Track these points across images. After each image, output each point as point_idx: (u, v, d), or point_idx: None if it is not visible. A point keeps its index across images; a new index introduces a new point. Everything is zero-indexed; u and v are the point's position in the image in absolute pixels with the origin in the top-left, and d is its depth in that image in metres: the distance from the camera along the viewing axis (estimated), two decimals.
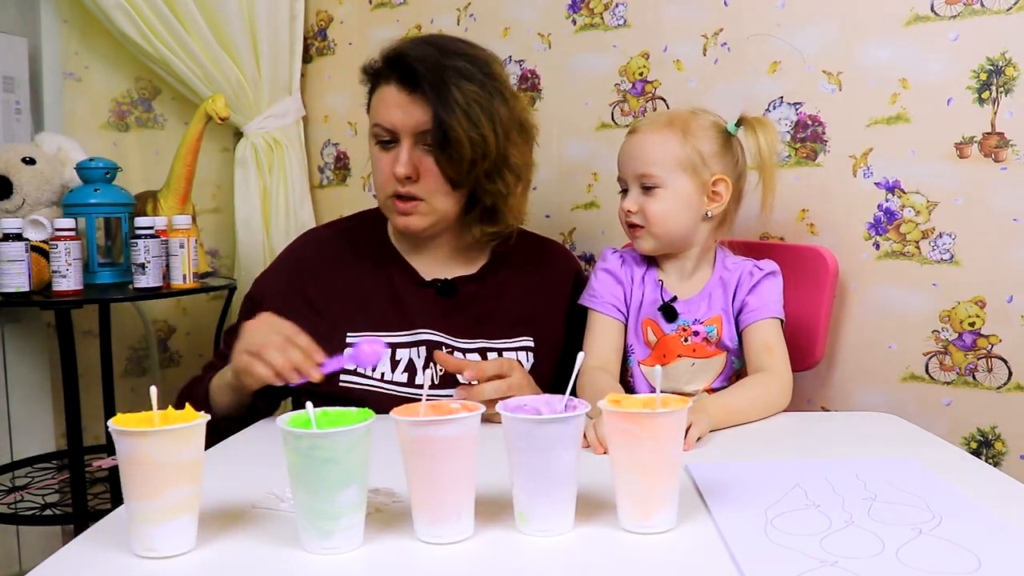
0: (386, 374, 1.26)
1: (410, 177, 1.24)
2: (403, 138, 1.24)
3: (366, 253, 1.35)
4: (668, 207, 1.24)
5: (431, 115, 1.21)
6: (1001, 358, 1.33)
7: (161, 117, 2.09)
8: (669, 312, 1.27)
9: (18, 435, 1.89)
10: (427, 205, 1.26)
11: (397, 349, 1.27)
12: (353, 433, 0.72)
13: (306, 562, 0.73)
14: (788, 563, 0.68)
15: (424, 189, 1.25)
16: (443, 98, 1.20)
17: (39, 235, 1.61)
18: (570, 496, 0.77)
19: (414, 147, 1.24)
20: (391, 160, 1.25)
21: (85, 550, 0.76)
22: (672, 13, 1.60)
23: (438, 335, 1.29)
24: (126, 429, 0.71)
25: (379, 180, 1.28)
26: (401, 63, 1.24)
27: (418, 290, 1.32)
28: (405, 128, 1.23)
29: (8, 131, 1.87)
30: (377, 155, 1.27)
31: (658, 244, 1.27)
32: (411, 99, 1.22)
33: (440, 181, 1.24)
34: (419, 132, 1.23)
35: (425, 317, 1.29)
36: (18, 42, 1.91)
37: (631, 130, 1.30)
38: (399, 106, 1.23)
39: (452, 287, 1.32)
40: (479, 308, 1.32)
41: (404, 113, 1.23)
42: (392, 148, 1.25)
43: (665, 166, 1.23)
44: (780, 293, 1.28)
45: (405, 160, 1.23)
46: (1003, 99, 1.30)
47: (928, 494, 0.84)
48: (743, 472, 0.92)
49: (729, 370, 1.28)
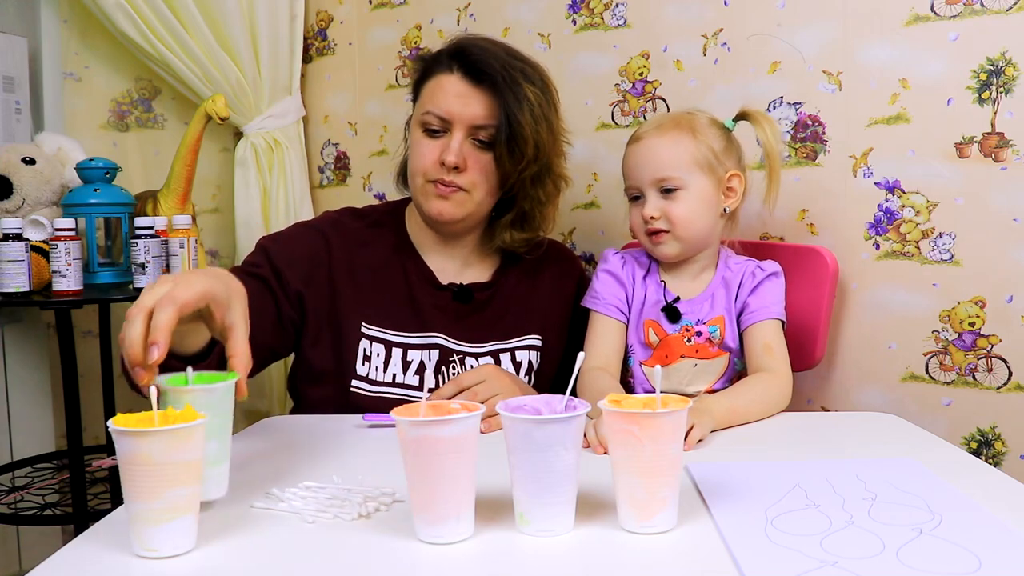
0: (397, 375, 1.26)
1: (457, 167, 1.23)
2: (456, 129, 1.23)
3: (386, 244, 1.34)
4: (691, 208, 1.23)
5: (496, 110, 1.22)
6: (1001, 358, 1.33)
7: (161, 117, 2.09)
8: (672, 313, 1.27)
9: (18, 435, 1.89)
10: (466, 195, 1.25)
11: (409, 350, 1.27)
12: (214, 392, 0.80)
13: (306, 562, 0.73)
14: (788, 563, 0.68)
15: (468, 180, 1.24)
16: (516, 95, 1.21)
17: (39, 235, 1.61)
18: (570, 496, 0.77)
19: (465, 139, 1.24)
20: (439, 147, 1.24)
21: (85, 550, 0.76)
22: (672, 13, 1.60)
23: (450, 341, 1.29)
24: (126, 429, 0.71)
25: (420, 165, 1.26)
26: (466, 56, 1.24)
27: (434, 292, 1.32)
28: (462, 119, 1.23)
29: (8, 131, 1.87)
30: (422, 140, 1.26)
31: (683, 248, 1.26)
32: (474, 91, 1.23)
33: (486, 176, 1.25)
34: (473, 125, 1.23)
35: (439, 322, 1.29)
36: (18, 42, 1.91)
37: (635, 138, 1.29)
38: (459, 96, 1.23)
39: (469, 293, 1.32)
40: (491, 313, 1.33)
41: (463, 104, 1.23)
42: (440, 137, 1.25)
43: (683, 167, 1.23)
44: (782, 294, 1.28)
45: (457, 149, 1.23)
46: (1003, 99, 1.30)
47: (928, 494, 0.84)
48: (743, 472, 0.92)
49: (731, 371, 1.28)
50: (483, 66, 1.23)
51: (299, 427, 1.20)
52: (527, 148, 1.22)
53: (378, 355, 1.26)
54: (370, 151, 2.01)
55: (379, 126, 1.99)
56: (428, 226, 1.33)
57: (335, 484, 0.88)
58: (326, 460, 1.01)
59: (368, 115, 2.00)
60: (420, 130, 1.26)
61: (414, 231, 1.36)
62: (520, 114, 1.21)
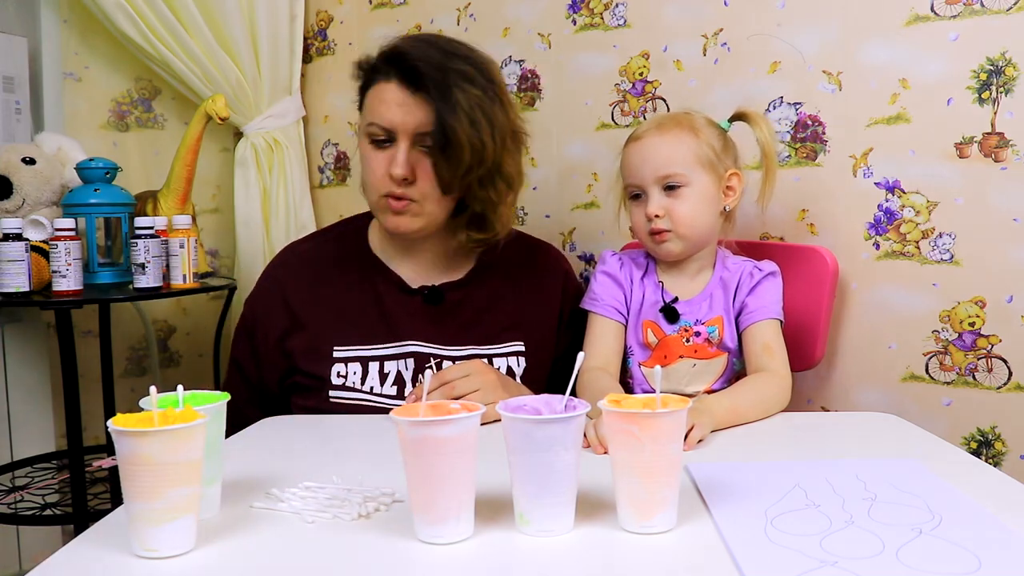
0: (375, 387, 1.25)
1: (407, 179, 1.21)
2: (401, 138, 1.21)
3: (349, 264, 1.33)
4: (695, 206, 1.23)
5: (432, 116, 1.18)
6: (1001, 358, 1.33)
7: (161, 117, 2.09)
8: (670, 313, 1.27)
9: (18, 435, 1.89)
10: (420, 207, 1.23)
11: (384, 362, 1.26)
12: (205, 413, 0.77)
13: (306, 562, 0.73)
14: (788, 563, 0.68)
15: (419, 192, 1.22)
16: (447, 100, 1.17)
17: (39, 235, 1.61)
18: (570, 497, 0.77)
19: (411, 148, 1.21)
20: (387, 160, 1.22)
21: (85, 550, 0.76)
22: (672, 13, 1.60)
23: (426, 346, 1.28)
24: (126, 429, 0.71)
25: (371, 180, 1.24)
26: (403, 61, 1.21)
27: (404, 298, 1.30)
28: (404, 128, 1.20)
29: (8, 131, 1.87)
30: (370, 154, 1.24)
31: (685, 246, 1.26)
32: (412, 99, 1.19)
33: (436, 184, 1.22)
34: (418, 133, 1.20)
35: (412, 327, 1.28)
36: (18, 42, 1.91)
37: (634, 137, 1.28)
38: (399, 105, 1.20)
39: (439, 294, 1.31)
40: (467, 314, 1.31)
41: (404, 112, 1.20)
42: (387, 148, 1.22)
43: (687, 164, 1.23)
44: (780, 294, 1.28)
45: (402, 161, 1.20)
46: (1003, 99, 1.30)
47: (928, 494, 0.84)
48: (743, 472, 0.92)
49: (730, 371, 1.28)
50: (418, 71, 1.19)
51: (299, 427, 1.20)
52: (463, 154, 1.18)
53: (355, 373, 1.25)
54: None
55: None
56: (390, 236, 1.31)
57: (335, 484, 0.88)
58: (326, 460, 1.01)
59: None
60: (367, 141, 1.24)
61: (378, 242, 1.35)
62: (452, 119, 1.16)
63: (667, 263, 1.30)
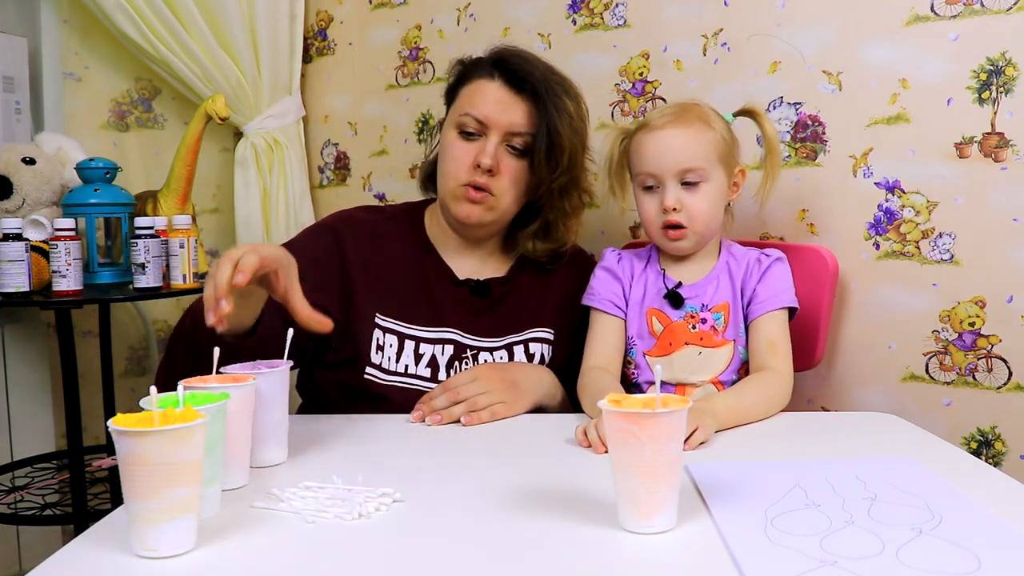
0: (410, 367, 1.27)
1: (491, 171, 1.26)
2: (492, 133, 1.26)
3: (405, 244, 1.36)
4: (711, 201, 1.23)
5: (533, 119, 1.26)
6: (1001, 358, 1.33)
7: (161, 117, 2.09)
8: (675, 298, 1.26)
9: (18, 435, 1.89)
10: (496, 201, 1.28)
11: (422, 343, 1.28)
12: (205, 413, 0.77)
13: (306, 562, 0.73)
14: (788, 563, 0.68)
15: (498, 186, 1.27)
16: (556, 106, 1.26)
17: (39, 235, 1.61)
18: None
19: (499, 144, 1.27)
20: (474, 150, 1.27)
21: (85, 550, 0.76)
22: (672, 13, 1.60)
23: (464, 336, 1.30)
24: (126, 429, 0.71)
25: (453, 168, 1.29)
26: (509, 64, 1.28)
27: (451, 287, 1.34)
28: (498, 124, 1.26)
29: (8, 131, 1.87)
30: (457, 143, 1.29)
31: (697, 242, 1.26)
32: (513, 99, 1.27)
33: (515, 183, 1.28)
34: (509, 132, 1.27)
35: (454, 316, 1.31)
36: (18, 42, 1.91)
37: (653, 126, 1.24)
38: (498, 102, 1.27)
39: (487, 288, 1.34)
40: (506, 308, 1.35)
41: (502, 110, 1.26)
42: (475, 140, 1.28)
43: (708, 158, 1.22)
44: (790, 279, 1.27)
45: (492, 152, 1.26)
46: (1003, 99, 1.30)
47: (928, 494, 0.84)
48: (743, 472, 0.92)
49: (737, 361, 1.26)
50: (525, 75, 1.27)
51: (299, 427, 1.19)
52: (563, 157, 1.26)
53: (391, 346, 1.27)
54: (370, 151, 2.01)
55: (379, 126, 1.99)
56: (451, 228, 1.35)
57: (335, 484, 0.88)
58: (326, 460, 1.01)
59: (368, 115, 2.00)
60: (455, 131, 1.29)
61: (434, 231, 1.38)
62: (560, 124, 1.25)
63: (672, 256, 1.29)
